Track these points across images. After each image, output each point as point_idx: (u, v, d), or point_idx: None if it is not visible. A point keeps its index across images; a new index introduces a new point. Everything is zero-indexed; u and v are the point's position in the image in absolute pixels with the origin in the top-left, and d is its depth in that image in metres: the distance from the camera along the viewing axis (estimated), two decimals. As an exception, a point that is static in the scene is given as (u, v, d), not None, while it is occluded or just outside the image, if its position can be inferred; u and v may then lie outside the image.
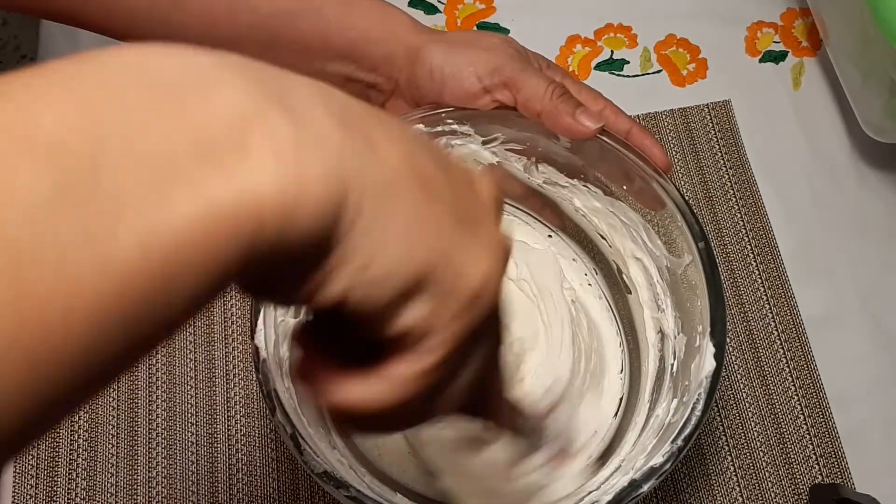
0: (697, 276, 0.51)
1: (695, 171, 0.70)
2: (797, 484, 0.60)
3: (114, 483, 0.61)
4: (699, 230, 0.52)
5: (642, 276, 0.57)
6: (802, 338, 0.64)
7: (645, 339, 0.57)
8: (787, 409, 0.62)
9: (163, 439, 0.62)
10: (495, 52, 0.55)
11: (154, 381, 0.64)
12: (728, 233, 0.67)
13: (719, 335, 0.49)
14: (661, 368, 0.55)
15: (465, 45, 0.55)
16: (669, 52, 0.75)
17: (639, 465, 0.48)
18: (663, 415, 0.51)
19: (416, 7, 0.76)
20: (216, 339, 0.65)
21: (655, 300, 0.57)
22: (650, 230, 0.56)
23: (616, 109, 0.56)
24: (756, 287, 0.65)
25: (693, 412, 0.47)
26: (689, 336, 0.52)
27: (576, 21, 0.76)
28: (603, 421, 0.57)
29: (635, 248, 0.57)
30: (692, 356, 0.51)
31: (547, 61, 0.58)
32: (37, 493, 0.61)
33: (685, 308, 0.53)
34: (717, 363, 0.48)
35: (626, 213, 0.57)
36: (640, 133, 0.56)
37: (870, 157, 0.70)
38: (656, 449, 0.48)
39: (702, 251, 0.51)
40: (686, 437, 0.47)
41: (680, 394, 0.51)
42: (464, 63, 0.54)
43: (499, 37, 0.57)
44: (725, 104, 0.72)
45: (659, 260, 0.56)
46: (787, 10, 0.76)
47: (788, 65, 0.74)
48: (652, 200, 0.54)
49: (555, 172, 0.59)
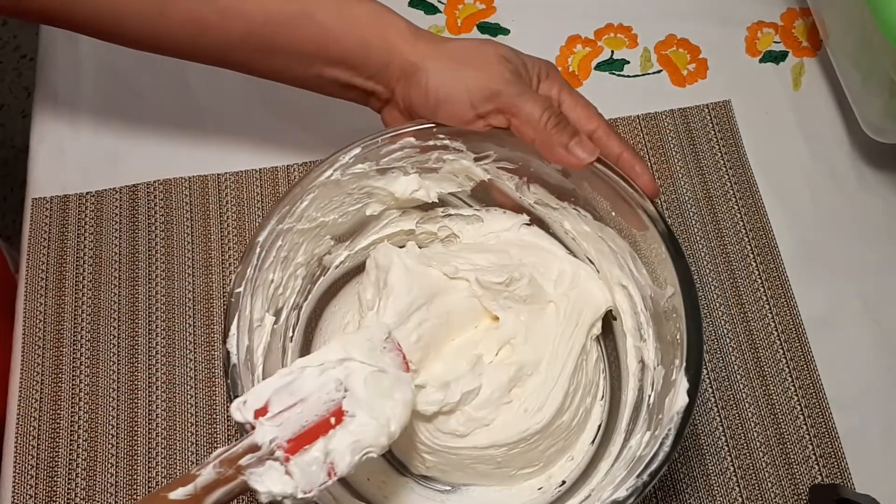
0: (678, 310, 0.50)
1: (695, 171, 0.70)
2: (797, 484, 0.60)
3: (113, 483, 0.61)
4: (683, 264, 0.51)
5: (627, 303, 0.57)
6: (802, 338, 0.64)
7: (626, 367, 0.57)
8: (787, 409, 0.62)
9: (162, 439, 0.62)
10: (491, 74, 0.54)
11: (154, 382, 0.64)
12: (728, 233, 0.67)
13: (694, 371, 0.48)
14: (640, 399, 0.54)
15: (461, 65, 0.54)
16: (670, 53, 0.75)
17: (605, 496, 0.47)
18: (636, 447, 0.50)
19: (417, 7, 0.76)
20: (216, 339, 0.65)
21: (638, 329, 0.56)
22: (636, 259, 0.55)
23: (608, 130, 0.56)
24: (756, 287, 0.65)
25: (661, 448, 0.47)
26: (667, 368, 0.52)
27: (576, 21, 0.76)
28: (580, 447, 0.57)
29: (622, 275, 0.57)
30: (668, 389, 0.50)
31: (546, 67, 0.57)
32: (36, 492, 0.61)
33: (666, 340, 0.53)
34: (689, 399, 0.47)
35: (614, 239, 0.56)
36: (630, 158, 0.55)
37: (870, 157, 0.70)
38: (623, 482, 0.47)
39: (684, 284, 0.50)
40: (652, 473, 0.46)
41: (653, 427, 0.50)
42: (459, 87, 0.54)
43: (496, 52, 0.55)
44: (725, 104, 0.72)
45: (643, 289, 0.55)
46: (787, 11, 0.76)
47: (789, 65, 0.74)
48: (638, 223, 0.54)
49: (546, 194, 0.59)
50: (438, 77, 0.54)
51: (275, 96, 0.73)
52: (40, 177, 0.71)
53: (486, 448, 0.53)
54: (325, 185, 0.55)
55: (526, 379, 0.55)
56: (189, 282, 0.67)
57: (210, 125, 0.72)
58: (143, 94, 0.74)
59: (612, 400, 0.58)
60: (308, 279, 0.58)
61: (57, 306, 0.66)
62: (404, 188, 0.58)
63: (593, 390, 0.57)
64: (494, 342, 0.56)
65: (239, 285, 0.51)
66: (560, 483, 0.56)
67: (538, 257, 0.59)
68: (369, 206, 0.59)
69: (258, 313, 0.52)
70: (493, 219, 0.62)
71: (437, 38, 0.56)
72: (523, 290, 0.56)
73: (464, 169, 0.59)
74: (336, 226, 0.58)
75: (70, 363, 0.64)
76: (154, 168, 0.70)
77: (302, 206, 0.54)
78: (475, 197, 0.61)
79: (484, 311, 0.57)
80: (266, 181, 0.70)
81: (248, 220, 0.69)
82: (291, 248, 0.55)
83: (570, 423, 0.55)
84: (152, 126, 0.72)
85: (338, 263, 0.60)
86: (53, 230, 0.69)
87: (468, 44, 0.55)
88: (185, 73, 0.74)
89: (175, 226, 0.68)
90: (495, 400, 0.54)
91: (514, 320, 0.56)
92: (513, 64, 0.55)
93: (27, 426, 0.63)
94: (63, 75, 0.74)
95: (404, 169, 0.58)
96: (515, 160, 0.58)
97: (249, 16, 0.54)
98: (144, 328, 0.65)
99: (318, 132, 0.71)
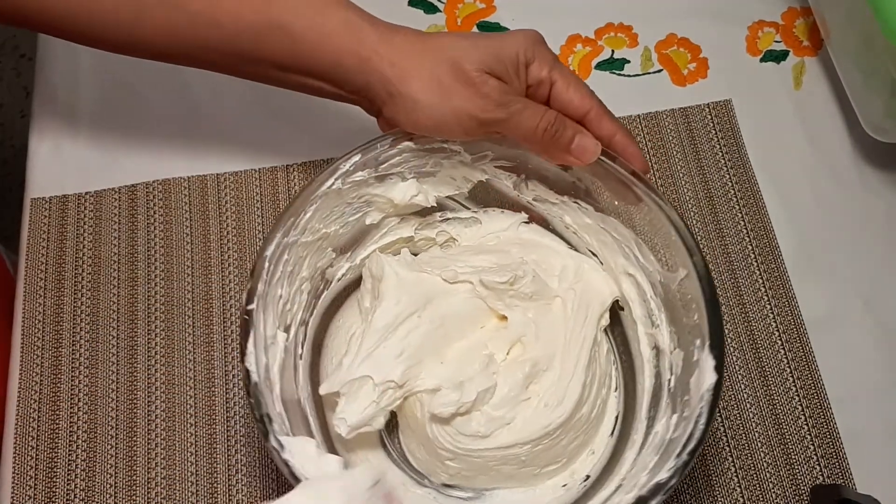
0: (693, 290, 0.51)
1: (695, 170, 0.69)
2: (798, 485, 0.60)
3: (113, 484, 0.61)
4: (693, 243, 0.51)
5: (635, 291, 0.57)
6: (804, 338, 0.64)
7: (639, 354, 0.57)
8: (788, 409, 0.62)
9: (161, 440, 0.62)
10: (477, 102, 0.52)
11: (153, 383, 0.63)
12: (729, 233, 0.67)
13: (718, 348, 0.49)
14: (658, 385, 0.54)
15: (447, 94, 0.52)
16: (670, 52, 0.75)
17: (643, 481, 0.47)
18: (663, 431, 0.51)
19: (417, 6, 0.76)
20: (215, 339, 0.65)
21: (649, 316, 0.56)
22: (643, 246, 0.55)
23: (601, 110, 0.55)
24: (757, 287, 0.65)
25: (697, 426, 0.47)
26: (685, 350, 0.52)
27: (576, 20, 0.76)
28: (600, 440, 0.57)
29: (627, 263, 0.57)
30: (690, 370, 0.50)
31: (530, 48, 0.54)
32: (35, 493, 0.60)
33: (681, 323, 0.53)
34: (717, 376, 0.48)
35: (617, 228, 0.56)
36: (623, 139, 0.55)
37: (871, 156, 0.70)
38: (660, 465, 0.48)
39: (697, 264, 0.51)
40: (691, 452, 0.47)
41: (680, 409, 0.50)
42: (449, 121, 0.52)
43: (475, 66, 0.52)
44: (726, 104, 0.72)
45: (652, 275, 0.55)
46: (788, 10, 0.76)
47: (789, 64, 0.74)
48: (645, 210, 0.54)
49: (545, 190, 0.59)
50: (426, 109, 0.52)
51: (274, 96, 0.72)
52: (39, 177, 0.71)
53: (510, 447, 0.53)
54: (326, 195, 0.55)
55: (541, 375, 0.54)
56: (188, 282, 0.66)
57: (209, 125, 0.72)
58: (142, 94, 0.74)
59: (627, 389, 0.58)
60: (312, 293, 0.58)
61: (56, 307, 0.66)
62: (403, 194, 0.58)
63: (608, 381, 0.58)
64: (504, 341, 0.56)
65: (251, 302, 0.51)
66: (584, 478, 0.56)
67: (539, 254, 0.59)
68: (369, 215, 0.59)
69: (270, 330, 0.52)
70: (491, 219, 0.62)
71: (413, 50, 0.53)
72: (528, 287, 0.56)
73: (461, 171, 0.59)
74: (337, 237, 0.58)
75: (69, 364, 0.64)
76: (153, 168, 0.70)
77: (305, 217, 0.54)
78: (472, 199, 0.61)
79: (489, 311, 0.57)
80: (265, 181, 0.70)
81: (247, 220, 0.68)
82: (296, 262, 0.55)
83: (589, 415, 0.55)
84: (151, 126, 0.72)
85: (340, 276, 0.60)
86: (52, 230, 0.68)
87: (448, 58, 0.52)
88: (185, 73, 0.73)
89: (174, 226, 0.68)
90: (513, 398, 0.53)
91: (521, 318, 0.56)
92: (495, 73, 0.53)
93: (26, 427, 0.62)
94: (62, 75, 0.74)
95: (402, 174, 0.57)
96: (513, 158, 0.58)
97: (221, 24, 0.53)
98: (143, 328, 0.65)
99: (317, 132, 0.71)
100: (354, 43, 0.53)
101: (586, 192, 0.57)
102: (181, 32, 0.54)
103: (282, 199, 0.69)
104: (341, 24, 0.53)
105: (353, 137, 0.56)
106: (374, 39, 0.53)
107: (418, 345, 0.55)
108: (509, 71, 0.53)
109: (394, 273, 0.56)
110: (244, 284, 0.66)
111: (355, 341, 0.55)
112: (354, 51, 0.53)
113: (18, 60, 1.53)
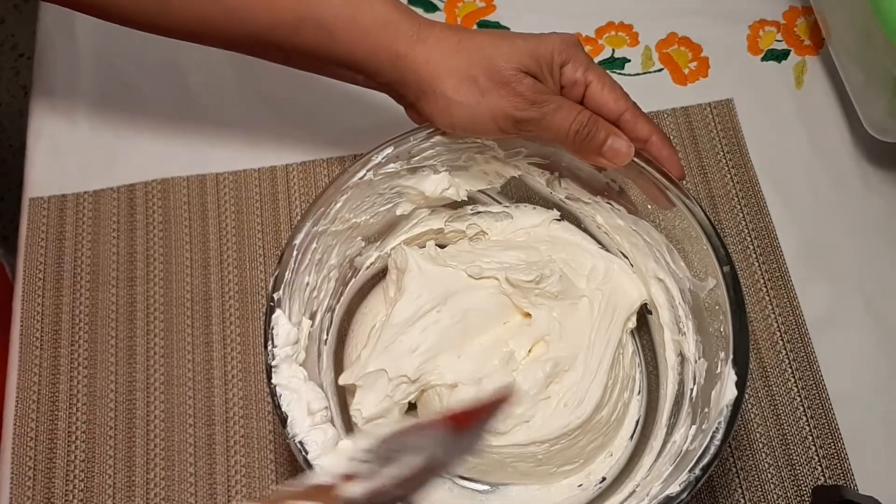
0: (722, 301, 0.50)
1: (697, 170, 0.69)
2: (799, 485, 0.60)
3: (111, 485, 0.61)
4: (724, 254, 0.51)
5: (664, 296, 0.57)
6: (805, 338, 0.63)
7: (664, 360, 0.56)
8: (790, 409, 0.62)
9: (161, 440, 0.62)
10: (511, 99, 0.52)
11: (152, 383, 0.63)
12: (730, 232, 0.67)
13: (742, 364, 0.48)
14: (680, 392, 0.54)
15: (482, 92, 0.52)
16: (671, 51, 0.74)
17: (654, 492, 0.47)
18: (681, 441, 0.50)
19: (416, 5, 0.76)
20: (214, 340, 0.64)
21: (676, 322, 0.56)
22: (673, 251, 0.55)
23: (636, 112, 0.54)
24: (759, 287, 0.65)
25: (712, 441, 0.46)
26: (710, 361, 0.52)
27: (577, 19, 0.75)
28: (619, 443, 0.56)
29: (657, 268, 0.56)
30: (713, 382, 0.50)
31: (565, 50, 0.54)
32: (34, 493, 0.60)
33: (707, 332, 0.52)
34: (738, 392, 0.47)
35: (649, 232, 0.56)
36: (659, 142, 0.54)
37: (872, 156, 0.70)
38: (673, 477, 0.47)
39: (727, 276, 0.50)
40: (704, 467, 0.46)
41: (699, 420, 0.50)
42: (485, 118, 0.52)
43: (513, 65, 0.52)
44: (727, 103, 0.72)
45: (682, 282, 0.55)
46: (789, 9, 0.76)
47: (791, 63, 0.74)
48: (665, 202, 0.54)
49: (578, 189, 0.58)
50: (460, 108, 0.52)
51: (274, 96, 0.72)
52: (37, 176, 0.70)
53: (527, 445, 0.53)
54: (357, 186, 0.55)
55: (563, 375, 0.54)
56: (187, 282, 0.66)
57: (209, 124, 0.72)
58: (141, 92, 0.73)
59: (650, 394, 0.58)
60: (340, 281, 0.58)
61: (54, 307, 0.66)
62: (434, 187, 0.58)
63: (630, 384, 0.57)
64: (527, 339, 0.56)
65: (278, 289, 0.51)
66: (600, 480, 0.55)
67: (569, 253, 0.59)
68: (399, 206, 0.58)
69: (296, 317, 0.52)
70: (522, 215, 0.62)
71: (448, 48, 0.53)
72: (554, 286, 0.56)
73: (494, 166, 0.58)
74: (367, 227, 0.58)
75: (68, 364, 0.64)
76: (152, 167, 0.70)
77: (336, 207, 0.54)
78: (504, 193, 0.61)
79: (513, 307, 0.57)
80: (265, 181, 0.69)
81: (246, 219, 0.68)
82: (325, 251, 0.55)
83: (608, 418, 0.55)
84: (150, 125, 0.72)
85: (368, 264, 0.60)
86: (51, 230, 0.68)
87: (483, 57, 0.52)
88: (184, 72, 0.73)
89: (173, 225, 0.68)
90: (532, 396, 0.53)
91: (546, 317, 0.56)
92: (531, 71, 0.53)
93: (25, 427, 0.62)
94: (60, 74, 0.74)
95: (434, 167, 0.57)
96: (547, 155, 0.57)
97: (256, 19, 0.54)
98: (142, 328, 0.65)
99: (317, 132, 0.71)
100: (389, 39, 0.53)
101: (619, 194, 0.57)
102: (213, 25, 0.54)
103: (281, 198, 0.69)
104: (377, 19, 0.53)
105: (353, 137, 0.56)
106: (410, 36, 0.53)
107: (436, 340, 0.54)
108: (543, 70, 0.53)
109: (417, 266, 0.56)
110: (245, 282, 0.66)
111: (374, 334, 0.55)
112: (389, 47, 0.53)
113: (17, 59, 1.52)
